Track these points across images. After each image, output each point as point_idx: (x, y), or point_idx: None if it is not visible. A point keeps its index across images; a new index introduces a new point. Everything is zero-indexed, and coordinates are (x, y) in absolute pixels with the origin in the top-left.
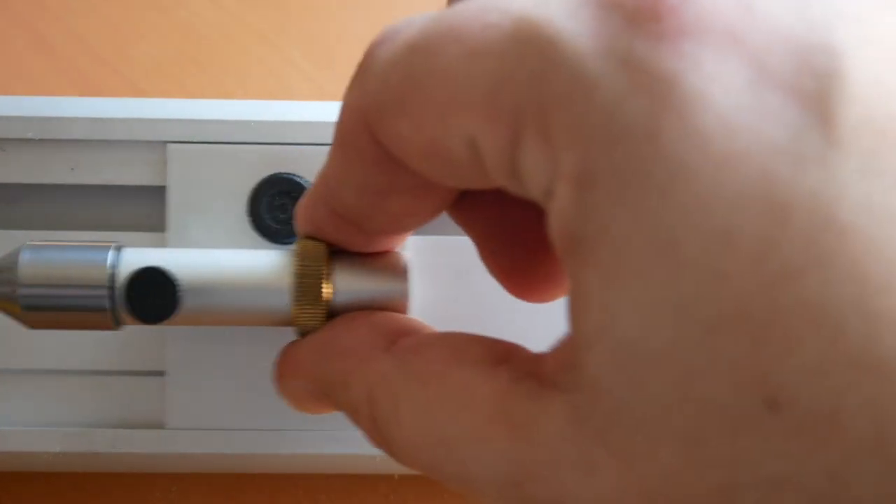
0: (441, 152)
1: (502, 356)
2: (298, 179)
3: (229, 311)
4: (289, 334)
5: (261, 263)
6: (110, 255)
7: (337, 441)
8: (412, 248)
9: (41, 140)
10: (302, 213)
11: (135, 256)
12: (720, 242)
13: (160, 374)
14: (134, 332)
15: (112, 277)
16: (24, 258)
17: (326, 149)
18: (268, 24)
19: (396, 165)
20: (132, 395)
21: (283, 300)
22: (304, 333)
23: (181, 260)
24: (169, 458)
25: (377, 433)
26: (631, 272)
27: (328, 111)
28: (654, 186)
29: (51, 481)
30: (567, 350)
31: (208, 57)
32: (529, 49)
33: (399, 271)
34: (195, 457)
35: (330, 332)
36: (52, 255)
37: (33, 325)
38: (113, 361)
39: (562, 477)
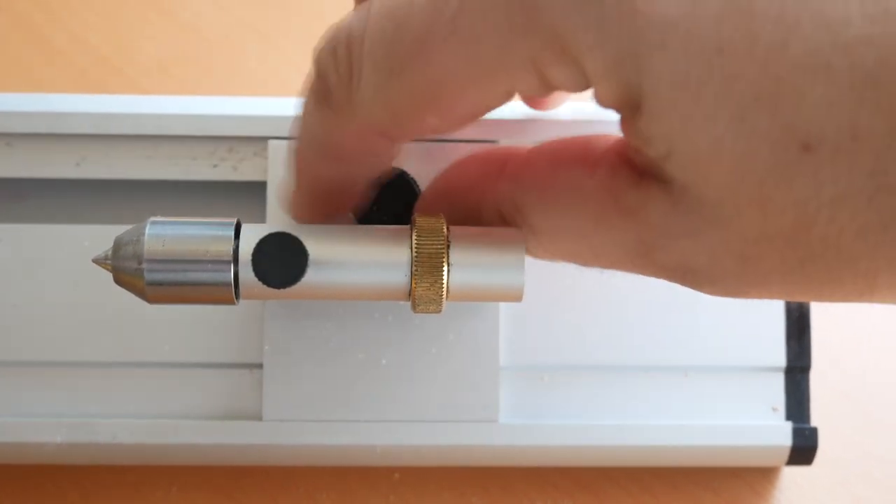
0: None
1: (595, 151)
2: (407, 176)
3: (350, 281)
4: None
5: (381, 237)
6: (234, 230)
7: (442, 432)
8: None
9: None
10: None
11: (255, 230)
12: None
13: (258, 366)
14: (233, 325)
15: (236, 251)
16: (150, 232)
17: (434, 146)
18: (268, 24)
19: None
20: (230, 387)
21: (403, 273)
22: (419, 307)
23: (304, 230)
24: (265, 449)
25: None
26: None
27: None
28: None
29: (50, 477)
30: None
31: (209, 56)
32: (514, 10)
33: (515, 244)
34: (291, 448)
35: (446, 180)
36: (176, 229)
37: (153, 299)
38: (211, 354)
39: (680, 245)
